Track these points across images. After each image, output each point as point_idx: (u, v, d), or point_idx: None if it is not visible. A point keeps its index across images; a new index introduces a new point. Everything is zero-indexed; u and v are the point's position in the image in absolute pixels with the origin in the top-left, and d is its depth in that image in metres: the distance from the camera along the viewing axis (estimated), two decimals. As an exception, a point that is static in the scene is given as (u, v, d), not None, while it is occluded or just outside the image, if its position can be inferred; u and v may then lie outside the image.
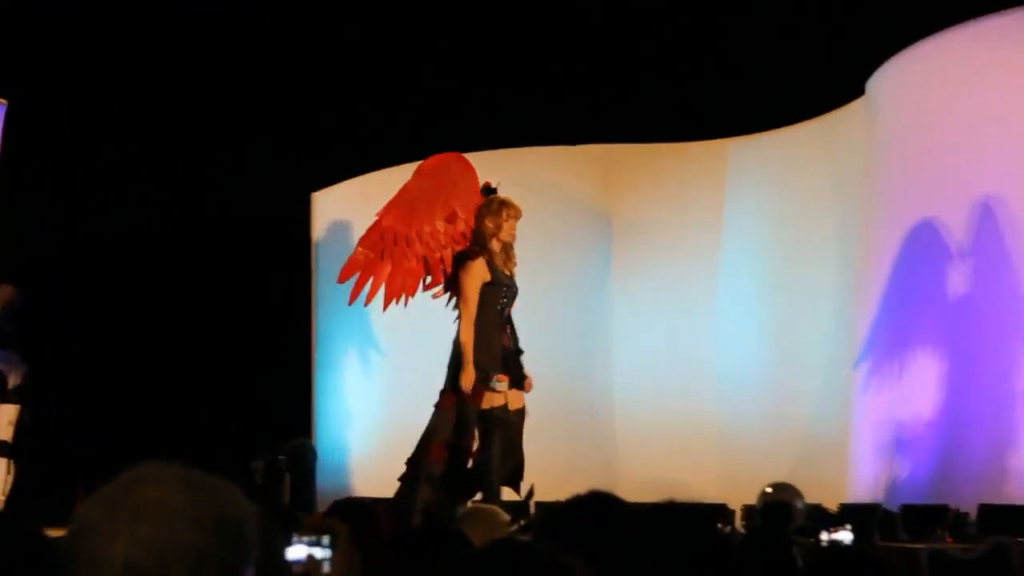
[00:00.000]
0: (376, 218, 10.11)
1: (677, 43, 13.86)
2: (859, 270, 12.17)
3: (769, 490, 9.71)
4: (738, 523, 10.45)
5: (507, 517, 5.57)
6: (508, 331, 9.86)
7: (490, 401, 9.64)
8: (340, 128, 14.60)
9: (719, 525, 9.63)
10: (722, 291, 13.76)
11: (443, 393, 9.81)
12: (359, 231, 14.53)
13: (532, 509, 9.59)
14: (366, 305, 10.20)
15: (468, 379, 9.56)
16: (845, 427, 11.88)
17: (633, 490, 9.56)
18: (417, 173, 10.33)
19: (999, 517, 9.03)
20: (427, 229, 9.91)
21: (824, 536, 7.92)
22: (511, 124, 14.03)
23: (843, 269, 12.55)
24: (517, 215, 9.84)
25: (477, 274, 9.71)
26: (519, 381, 9.78)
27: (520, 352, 9.90)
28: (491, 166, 13.90)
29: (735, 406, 13.32)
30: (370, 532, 4.33)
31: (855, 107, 12.65)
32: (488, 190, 10.18)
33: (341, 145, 14.56)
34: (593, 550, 2.93)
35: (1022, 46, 11.06)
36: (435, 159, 10.43)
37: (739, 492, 11.01)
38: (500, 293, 9.74)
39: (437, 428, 9.71)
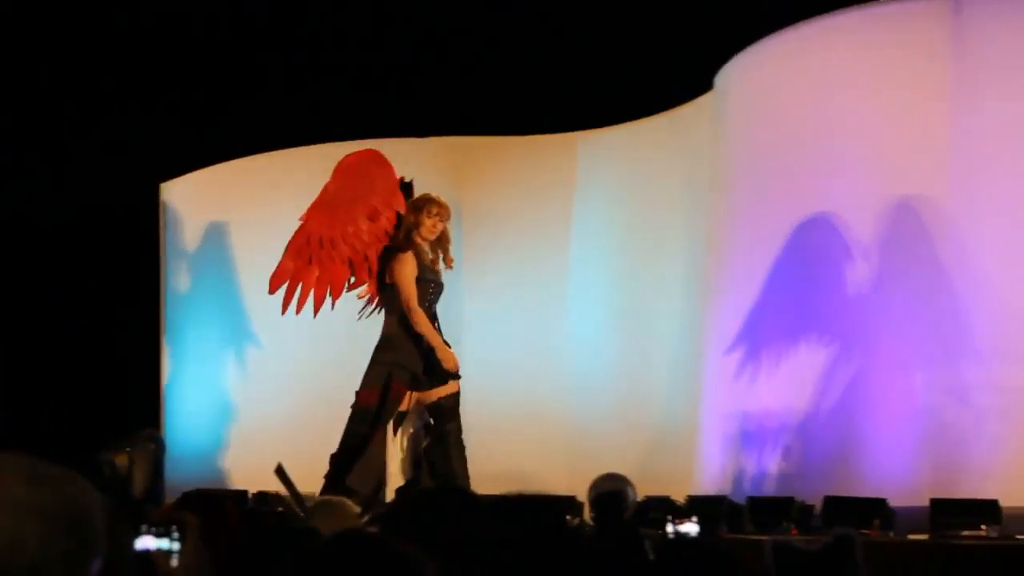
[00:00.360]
0: (300, 222, 9.98)
1: (527, 35, 13.88)
2: (707, 264, 12.28)
3: (599, 481, 9.75)
4: (587, 515, 10.49)
5: (357, 509, 5.55)
6: (435, 327, 9.75)
7: (437, 393, 9.61)
8: (188, 118, 14.44)
9: (568, 517, 9.66)
10: (572, 283, 13.82)
11: (364, 390, 9.67)
12: (207, 221, 14.45)
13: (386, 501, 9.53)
14: (297, 313, 10.02)
15: (450, 360, 9.60)
16: (693, 419, 11.99)
17: (482, 482, 9.58)
18: (336, 173, 10.21)
19: (843, 510, 9.16)
20: (350, 229, 9.80)
21: (670, 528, 7.97)
22: (359, 116, 13.97)
23: (692, 262, 12.65)
24: (440, 213, 9.72)
25: (409, 265, 9.59)
26: (442, 378, 9.69)
27: (447, 347, 9.76)
28: (337, 158, 13.87)
29: (584, 398, 13.38)
30: (219, 524, 4.27)
31: (703, 101, 12.77)
32: (404, 185, 10.12)
33: (189, 135, 14.40)
34: (441, 543, 2.92)
35: (867, 43, 11.22)
36: (352, 157, 10.32)
37: (588, 484, 11.05)
38: (427, 289, 9.63)
39: (355, 425, 9.60)
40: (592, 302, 13.59)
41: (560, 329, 13.70)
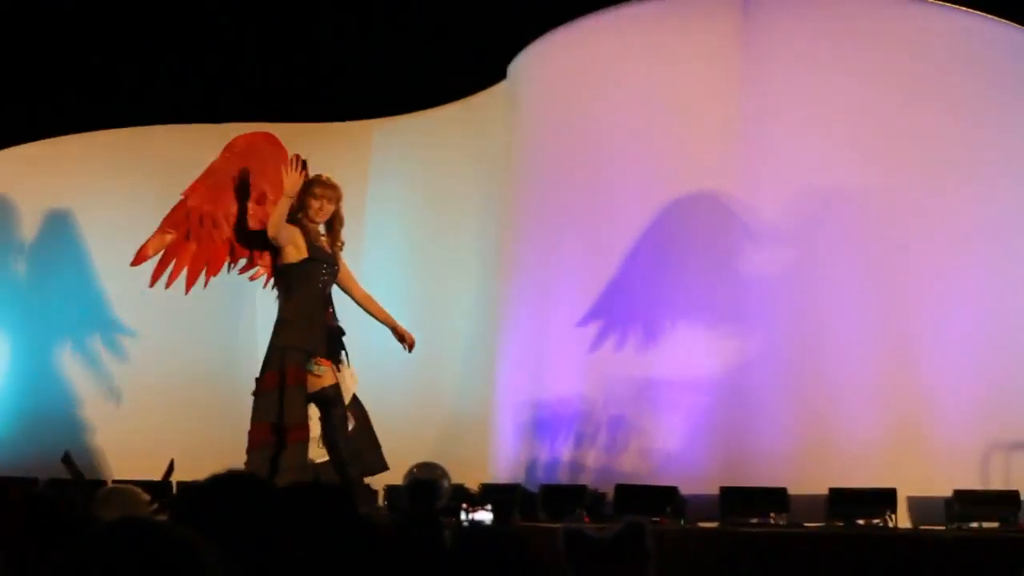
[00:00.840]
0: (181, 197, 9.63)
1: (323, 23, 13.78)
2: (501, 251, 12.30)
3: (415, 470, 9.71)
4: (381, 502, 10.44)
5: (147, 497, 5.42)
6: (331, 310, 9.46)
7: (319, 382, 9.18)
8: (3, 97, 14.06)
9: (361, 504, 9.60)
10: (366, 272, 13.73)
11: (264, 374, 9.23)
12: (18, 201, 14.06)
13: (175, 489, 9.34)
14: (167, 288, 9.66)
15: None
16: (488, 407, 12.00)
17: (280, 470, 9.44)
18: (225, 152, 9.83)
19: (635, 498, 9.23)
20: (234, 210, 9.51)
21: (464, 516, 7.96)
22: (152, 101, 13.75)
23: (486, 250, 12.67)
24: (326, 194, 9.36)
25: (285, 224, 9.19)
26: (340, 359, 9.41)
27: (342, 332, 9.52)
28: (131, 144, 13.62)
29: (379, 386, 13.30)
30: (3, 513, 4.14)
31: (497, 90, 12.80)
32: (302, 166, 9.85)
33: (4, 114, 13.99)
34: (231, 530, 2.85)
35: (659, 33, 11.35)
36: (242, 138, 9.95)
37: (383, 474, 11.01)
38: (320, 270, 9.28)
39: (260, 411, 9.07)
40: (386, 290, 13.50)
41: (354, 316, 13.61)
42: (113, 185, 13.55)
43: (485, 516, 8.13)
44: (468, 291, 12.89)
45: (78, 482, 8.14)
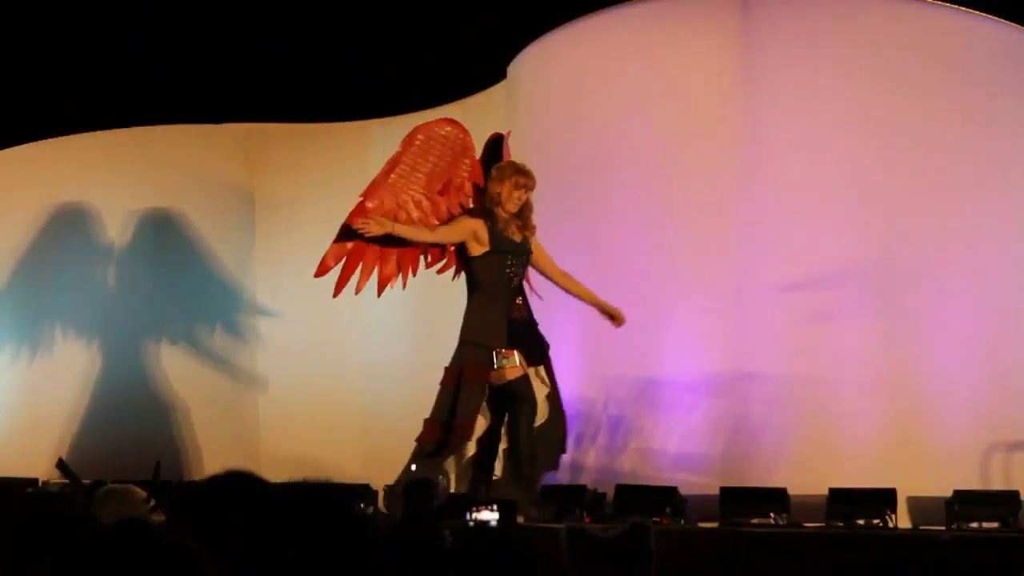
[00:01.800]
0: (360, 199, 9.41)
1: (322, 22, 13.76)
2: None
3: (413, 468, 9.69)
4: (381, 503, 10.43)
5: (143, 495, 5.43)
6: (520, 302, 9.29)
7: (505, 374, 9.04)
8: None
9: (361, 505, 9.57)
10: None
11: (446, 370, 9.25)
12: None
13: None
14: (356, 294, 9.47)
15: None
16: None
17: (275, 469, 9.43)
18: (405, 143, 9.55)
19: (635, 498, 9.22)
20: (418, 199, 9.28)
21: (469, 516, 7.94)
22: (151, 101, 13.72)
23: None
24: (527, 184, 9.21)
25: (466, 221, 9.11)
26: (536, 355, 9.20)
27: (535, 324, 9.29)
28: (129, 143, 13.59)
29: (379, 385, 13.31)
30: (5, 513, 4.14)
31: (496, 90, 12.80)
32: (496, 144, 9.61)
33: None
34: (229, 530, 2.84)
35: (659, 34, 11.36)
36: (423, 127, 9.70)
37: (382, 472, 11.00)
38: (505, 262, 9.13)
39: (436, 405, 9.16)
40: (385, 291, 13.52)
41: (355, 317, 13.60)
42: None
43: (491, 516, 8.11)
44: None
45: (76, 485, 8.14)
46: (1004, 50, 11.17)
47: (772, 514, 8.91)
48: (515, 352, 9.02)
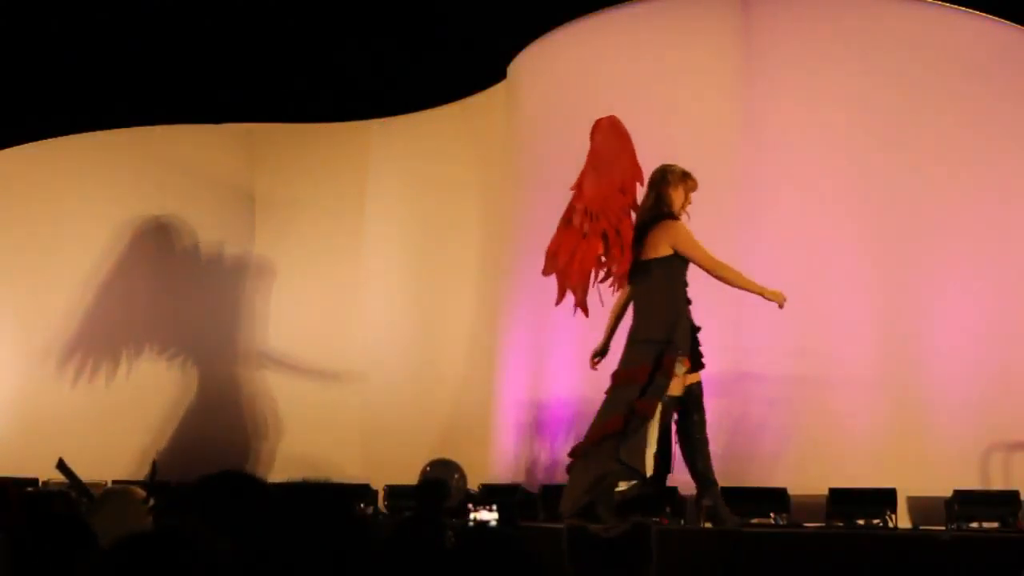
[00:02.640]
0: (572, 191, 9.10)
1: (323, 23, 13.76)
2: (501, 250, 12.29)
3: (428, 468, 9.69)
4: (381, 503, 10.44)
5: (142, 495, 5.43)
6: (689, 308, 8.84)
7: (685, 381, 8.63)
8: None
9: (362, 505, 9.59)
10: (366, 269, 13.74)
11: (635, 366, 8.71)
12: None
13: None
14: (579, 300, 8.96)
15: (775, 294, 8.61)
16: (488, 407, 12.00)
17: (277, 467, 9.44)
18: (595, 134, 9.14)
19: (634, 498, 9.20)
20: (609, 198, 8.83)
21: (471, 516, 7.95)
22: (151, 101, 13.73)
23: (485, 250, 12.67)
24: (695, 187, 8.89)
25: (686, 230, 8.73)
26: (698, 363, 8.79)
27: (697, 330, 8.87)
28: (129, 142, 13.60)
29: (380, 386, 13.32)
30: (5, 512, 4.14)
31: (497, 90, 12.80)
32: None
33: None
34: (226, 529, 2.84)
35: (659, 34, 11.36)
36: (605, 120, 9.42)
37: (382, 472, 11.01)
38: (685, 265, 8.74)
39: (618, 402, 8.64)
40: (386, 289, 13.54)
41: (355, 316, 13.62)
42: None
43: (490, 516, 8.11)
44: (468, 291, 12.89)
45: (77, 486, 8.14)
46: (997, 46, 11.20)
47: (772, 514, 8.91)
48: (688, 363, 8.75)
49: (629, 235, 8.70)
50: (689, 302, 8.76)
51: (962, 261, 10.79)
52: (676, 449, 8.59)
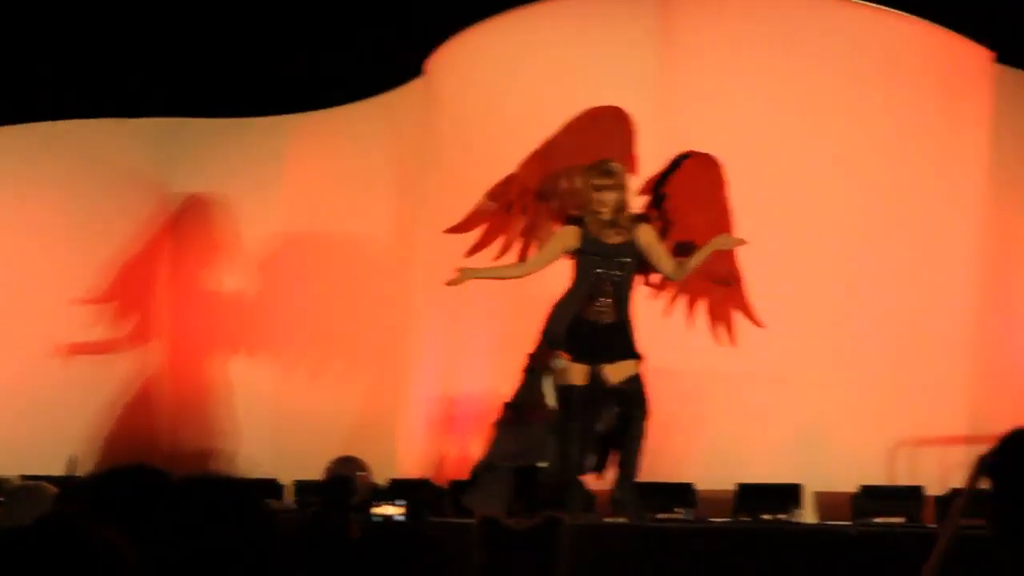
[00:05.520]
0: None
1: (238, 17, 13.66)
2: (417, 247, 12.30)
3: (332, 464, 9.67)
4: (289, 498, 10.42)
5: (53, 491, 5.40)
6: (601, 303, 8.89)
7: (565, 377, 8.81)
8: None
9: (269, 500, 9.55)
10: (282, 266, 13.68)
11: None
12: None
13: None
14: (496, 260, 9.34)
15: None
16: (399, 403, 11.99)
17: (185, 463, 9.35)
18: (566, 127, 9.41)
19: (542, 492, 9.23)
20: (565, 185, 9.09)
21: (376, 511, 7.94)
22: (63, 95, 13.59)
23: (402, 245, 12.67)
24: (608, 185, 8.80)
25: (559, 236, 8.91)
26: (594, 356, 8.87)
27: (613, 328, 8.91)
28: (43, 137, 13.49)
29: (290, 380, 13.25)
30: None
31: (414, 87, 12.78)
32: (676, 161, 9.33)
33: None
34: (132, 523, 2.84)
35: (577, 30, 11.41)
36: (588, 112, 9.43)
37: (291, 467, 10.99)
38: (593, 263, 8.79)
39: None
40: (301, 285, 13.48)
41: (264, 310, 13.56)
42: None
43: (398, 511, 8.12)
44: (382, 287, 12.87)
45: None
46: (916, 43, 11.37)
47: (679, 509, 8.97)
48: (569, 356, 8.81)
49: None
50: (594, 297, 8.80)
51: (875, 256, 10.91)
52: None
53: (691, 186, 9.27)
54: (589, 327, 8.87)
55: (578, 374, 8.83)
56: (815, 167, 10.93)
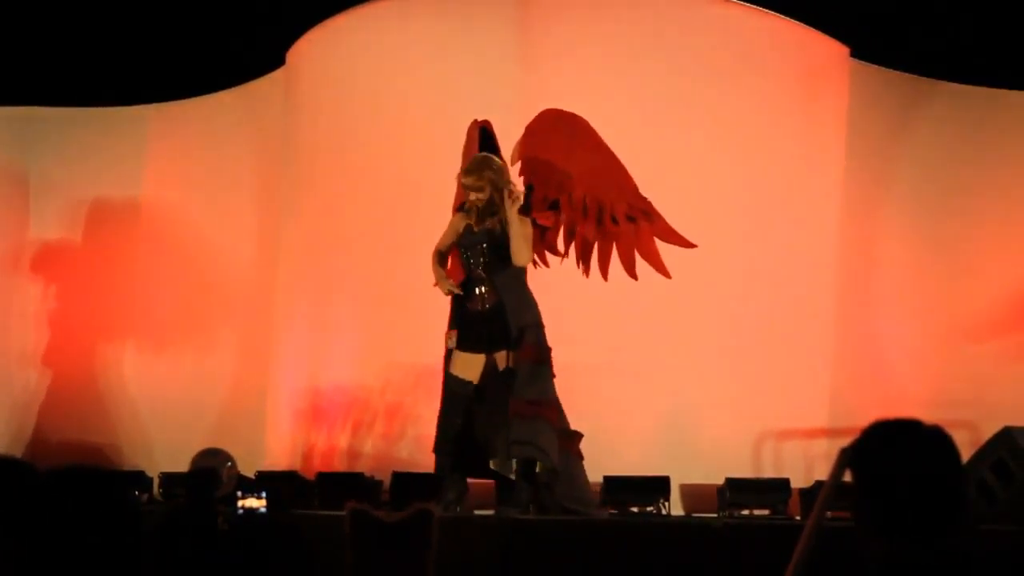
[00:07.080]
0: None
1: (99, 7, 13.48)
2: (278, 236, 12.27)
3: (198, 457, 9.59)
4: (156, 491, 10.31)
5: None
6: (479, 291, 8.93)
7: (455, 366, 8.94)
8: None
9: (136, 492, 9.46)
10: (143, 259, 13.56)
11: None
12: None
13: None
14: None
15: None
16: (265, 394, 11.93)
17: (49, 454, 9.24)
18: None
19: (411, 486, 9.22)
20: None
21: (239, 504, 7.86)
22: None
23: (263, 235, 12.62)
24: (465, 182, 8.89)
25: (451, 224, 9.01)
26: (475, 345, 8.93)
27: (494, 315, 8.89)
28: None
29: (154, 371, 13.14)
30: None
31: (276, 76, 12.73)
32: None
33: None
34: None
35: (439, 21, 11.44)
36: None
37: (158, 459, 10.89)
38: (463, 255, 8.93)
39: None
40: (165, 275, 13.38)
41: (125, 299, 13.45)
42: None
43: (259, 503, 8.05)
44: (244, 275, 12.80)
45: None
46: (777, 40, 11.52)
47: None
48: (454, 332, 8.96)
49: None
50: (481, 283, 8.89)
51: (738, 250, 11.03)
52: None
53: (546, 140, 9.36)
54: (473, 316, 8.97)
55: (470, 364, 8.93)
56: (678, 162, 11.01)
